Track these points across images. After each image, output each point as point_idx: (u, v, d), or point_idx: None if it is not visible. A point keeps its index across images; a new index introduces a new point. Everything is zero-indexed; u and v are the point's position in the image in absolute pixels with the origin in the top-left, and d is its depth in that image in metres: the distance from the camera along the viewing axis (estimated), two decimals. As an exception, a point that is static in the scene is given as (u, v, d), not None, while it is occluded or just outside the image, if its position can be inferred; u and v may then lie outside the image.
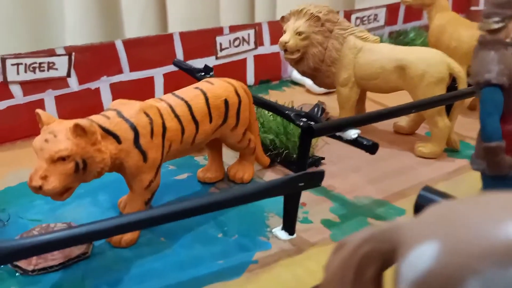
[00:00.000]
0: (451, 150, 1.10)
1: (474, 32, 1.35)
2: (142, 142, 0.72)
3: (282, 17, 1.18)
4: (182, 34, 1.30)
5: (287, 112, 0.94)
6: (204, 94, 0.83)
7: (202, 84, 0.86)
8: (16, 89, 1.09)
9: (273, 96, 1.45)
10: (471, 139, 1.05)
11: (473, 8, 1.99)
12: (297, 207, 0.77)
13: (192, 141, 0.81)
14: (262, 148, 1.02)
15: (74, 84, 1.16)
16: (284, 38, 1.13)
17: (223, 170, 0.97)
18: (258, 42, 1.45)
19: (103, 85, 1.21)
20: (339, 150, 1.09)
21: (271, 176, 1.00)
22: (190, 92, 0.83)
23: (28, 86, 1.10)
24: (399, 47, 1.12)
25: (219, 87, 0.85)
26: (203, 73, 1.13)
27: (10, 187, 0.94)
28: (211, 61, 1.37)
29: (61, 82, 1.14)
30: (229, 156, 1.01)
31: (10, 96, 1.08)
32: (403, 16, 1.78)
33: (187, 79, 1.19)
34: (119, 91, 1.23)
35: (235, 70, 1.43)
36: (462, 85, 1.05)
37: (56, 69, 1.12)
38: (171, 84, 1.31)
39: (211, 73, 1.13)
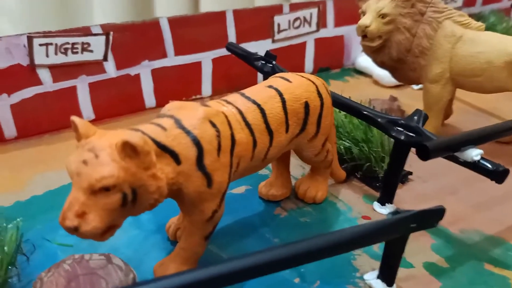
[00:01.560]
0: None
1: None
2: (207, 161, 0.54)
3: (360, -5, 0.97)
4: (236, 12, 1.10)
5: (379, 119, 0.74)
6: (281, 95, 0.64)
7: (276, 81, 0.67)
8: (44, 74, 0.92)
9: (335, 87, 1.25)
10: None
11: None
12: (401, 254, 0.58)
13: (264, 156, 0.63)
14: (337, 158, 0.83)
15: (111, 69, 0.99)
16: (365, 21, 0.93)
17: (291, 186, 0.79)
18: (321, 23, 1.24)
19: (144, 71, 1.03)
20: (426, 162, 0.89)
21: (347, 194, 0.81)
22: (263, 92, 0.64)
23: (59, 71, 0.93)
24: (510, 37, 0.90)
25: (298, 86, 0.66)
26: (263, 61, 0.94)
27: (36, 196, 0.78)
28: (266, 45, 1.18)
29: (96, 66, 0.97)
30: (294, 165, 0.82)
31: (37, 82, 0.92)
32: (483, -3, 1.53)
33: (240, 66, 1.00)
34: (162, 78, 1.05)
35: (292, 55, 1.23)
36: None
37: (91, 51, 0.95)
38: (221, 71, 1.13)
39: (273, 62, 0.93)
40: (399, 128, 0.72)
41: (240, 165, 0.60)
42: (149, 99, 1.06)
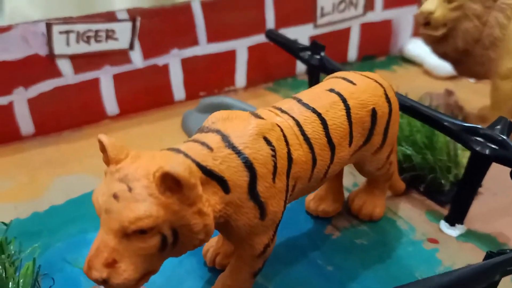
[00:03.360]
0: None
1: None
2: (261, 188, 0.44)
3: (420, -25, 0.84)
4: (275, -6, 0.98)
5: (453, 127, 0.63)
6: (344, 101, 0.53)
7: (338, 83, 0.56)
8: (65, 65, 0.83)
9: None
10: None
11: None
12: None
13: (324, 175, 0.53)
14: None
15: (137, 59, 0.89)
16: (428, 6, 0.80)
17: (343, 199, 0.69)
18: (368, 5, 1.11)
19: (173, 60, 0.92)
20: (494, 168, 0.78)
21: (407, 210, 0.70)
22: (324, 98, 0.53)
23: (80, 61, 0.83)
24: None
25: (364, 90, 0.55)
26: (310, 52, 0.83)
27: (55, 206, 0.70)
28: (308, 30, 1.06)
29: (121, 56, 0.87)
30: (344, 172, 0.72)
31: (57, 74, 0.82)
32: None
33: (278, 54, 0.89)
34: (192, 68, 0.95)
35: (335, 42, 1.11)
36: None
37: (116, 39, 0.85)
38: (257, 60, 1.02)
39: (322, 54, 0.82)
40: (479, 139, 0.61)
41: (296, 187, 0.50)
42: (178, 91, 0.96)
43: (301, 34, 1.05)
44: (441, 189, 0.72)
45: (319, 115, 0.51)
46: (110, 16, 0.83)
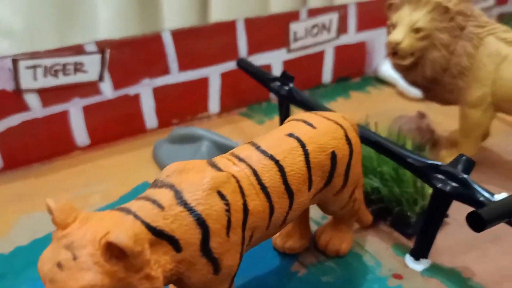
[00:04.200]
0: None
1: None
2: (214, 244, 0.44)
3: (390, 4, 0.85)
4: (247, 21, 0.98)
5: (416, 163, 0.63)
6: (303, 146, 0.53)
7: (298, 127, 0.56)
8: (32, 99, 0.82)
9: (356, 100, 1.14)
10: None
11: None
12: None
13: (282, 222, 0.53)
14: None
15: (107, 90, 0.88)
16: (396, 36, 0.81)
17: (310, 235, 0.69)
18: (341, 29, 1.12)
19: (145, 90, 0.92)
20: None
21: (375, 243, 0.70)
22: (283, 144, 0.53)
23: (49, 95, 0.83)
24: None
25: (324, 133, 0.55)
26: (279, 83, 0.83)
27: (20, 247, 0.69)
28: (281, 55, 1.06)
29: (91, 87, 0.87)
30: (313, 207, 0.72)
31: (24, 108, 0.82)
32: (519, -6, 1.39)
33: (253, 80, 0.89)
34: (164, 97, 0.95)
35: (309, 65, 1.11)
36: None
37: (85, 71, 0.84)
38: (230, 87, 1.02)
39: (290, 84, 0.82)
40: (440, 176, 0.61)
41: (253, 237, 0.50)
42: (151, 120, 0.95)
43: (275, 59, 1.05)
44: (407, 222, 0.72)
45: (276, 162, 0.51)
46: (78, 49, 0.83)
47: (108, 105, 0.89)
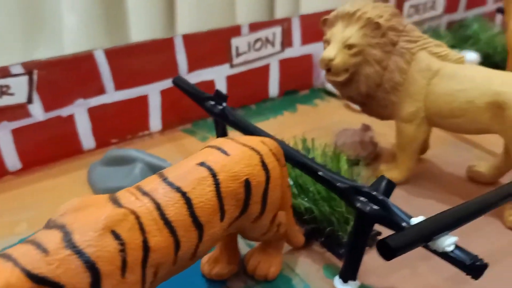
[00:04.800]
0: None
1: None
2: (107, 286, 0.42)
3: (324, 20, 0.85)
4: (186, 38, 0.97)
5: (338, 184, 0.63)
6: (214, 175, 0.52)
7: (211, 155, 0.54)
8: (-46, 125, 0.79)
9: (303, 113, 1.14)
10: None
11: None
12: None
13: (192, 255, 0.51)
14: (294, 219, 0.72)
15: (38, 112, 0.86)
16: (329, 53, 0.80)
17: (238, 259, 0.67)
18: (286, 42, 1.11)
19: (79, 110, 0.90)
20: (400, 205, 0.78)
21: (306, 264, 0.69)
22: (192, 174, 0.51)
23: (-28, 120, 0.80)
24: (497, 73, 0.77)
25: (238, 161, 0.54)
26: (213, 102, 0.82)
27: None
28: (224, 70, 1.05)
29: (19, 110, 0.83)
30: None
31: None
32: (466, 2, 1.41)
33: None
34: (101, 116, 0.92)
35: (254, 79, 1.10)
36: None
37: (12, 94, 0.81)
38: (171, 103, 1.00)
39: (224, 104, 0.81)
40: (362, 199, 0.61)
41: (159, 273, 0.48)
42: (87, 140, 0.93)
43: (218, 74, 1.04)
44: (339, 242, 0.72)
45: (183, 194, 0.50)
46: (3, 72, 0.80)
47: (39, 128, 0.86)
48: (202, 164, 0.53)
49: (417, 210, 0.80)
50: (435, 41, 0.82)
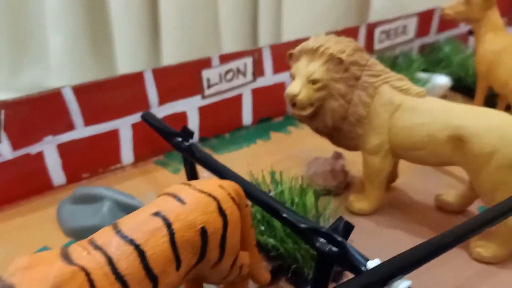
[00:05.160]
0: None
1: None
2: None
3: (290, 54, 0.86)
4: (156, 72, 0.98)
5: (301, 225, 0.63)
6: (169, 226, 0.52)
7: (166, 204, 0.55)
8: None
9: (276, 141, 1.15)
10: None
11: (518, 10, 1.65)
12: None
13: (148, 306, 0.51)
14: (262, 255, 0.72)
15: (6, 151, 0.85)
16: (293, 88, 0.82)
17: (205, 300, 0.68)
18: (258, 72, 1.13)
19: (48, 147, 0.90)
20: (369, 237, 0.80)
21: (272, 302, 0.70)
22: (146, 225, 0.52)
23: None
24: (457, 106, 0.79)
25: (193, 209, 0.55)
26: (180, 139, 0.83)
27: None
28: (196, 102, 1.06)
29: (-14, 150, 0.84)
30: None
31: None
32: (437, 25, 1.44)
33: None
34: (71, 152, 0.92)
35: (228, 109, 1.11)
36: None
37: (-23, 134, 0.81)
38: (143, 135, 1.00)
39: (190, 141, 0.82)
40: (322, 240, 0.62)
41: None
42: (57, 176, 0.93)
43: (189, 106, 1.05)
44: (305, 278, 0.72)
45: (137, 247, 0.50)
46: (-33, 113, 0.80)
47: (8, 166, 0.86)
48: (157, 214, 0.53)
49: (385, 241, 0.82)
50: (397, 75, 0.84)
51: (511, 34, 1.13)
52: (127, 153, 1.00)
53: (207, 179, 0.61)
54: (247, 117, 1.16)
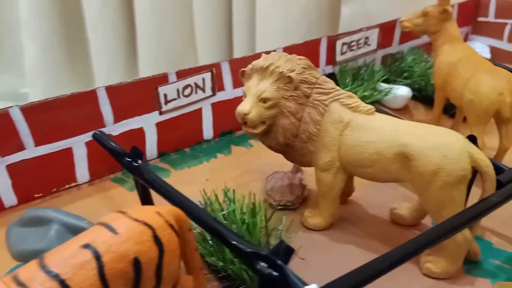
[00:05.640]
0: (468, 262, 0.82)
1: (499, 82, 1.06)
2: None
3: (242, 71, 0.86)
4: (110, 89, 0.97)
5: (242, 247, 0.63)
6: (98, 258, 0.52)
7: (98, 234, 0.54)
8: None
9: (237, 155, 1.14)
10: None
11: (481, 19, 1.67)
12: None
13: None
14: (212, 276, 0.72)
15: (-49, 174, 0.84)
16: (243, 107, 0.81)
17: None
18: (217, 86, 1.12)
19: (-3, 168, 0.88)
20: (323, 253, 0.80)
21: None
22: (73, 259, 0.51)
23: None
24: (404, 124, 0.80)
25: (126, 239, 0.54)
26: (129, 159, 0.82)
27: None
28: (154, 118, 1.05)
29: None
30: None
31: None
32: (399, 36, 1.46)
33: (124, 144, 0.87)
34: (22, 172, 0.91)
35: (188, 123, 1.11)
36: (490, 184, 0.75)
37: None
38: (99, 153, 0.98)
39: (139, 161, 0.81)
40: (262, 264, 0.61)
41: None
42: (8, 197, 0.91)
43: (146, 122, 1.04)
44: (253, 300, 0.72)
45: (61, 282, 0.49)
46: None
47: (-46, 190, 0.84)
48: (86, 246, 0.52)
49: (338, 257, 0.82)
50: (347, 92, 0.84)
51: (467, 45, 1.15)
52: (82, 172, 0.98)
53: (144, 207, 0.60)
54: (207, 131, 1.15)
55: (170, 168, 1.07)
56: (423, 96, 1.34)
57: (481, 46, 1.64)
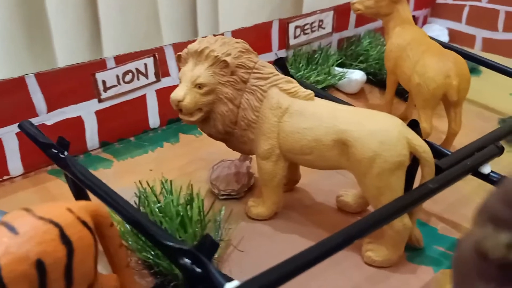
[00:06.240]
0: (412, 249, 0.80)
1: (445, 65, 1.05)
2: None
3: (178, 56, 0.81)
4: (40, 76, 0.91)
5: (167, 242, 0.60)
6: (-7, 261, 0.48)
7: (-4, 234, 0.50)
8: None
9: (184, 144, 1.10)
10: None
11: (439, 1, 1.66)
12: None
13: None
14: (146, 272, 0.68)
15: None
16: (177, 94, 0.77)
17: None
18: (162, 72, 1.07)
19: None
20: (266, 242, 0.78)
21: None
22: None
23: None
24: (344, 110, 0.77)
25: (27, 239, 0.50)
26: (56, 150, 0.77)
27: None
28: (93, 106, 1.00)
29: None
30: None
31: None
32: (355, 19, 1.43)
33: (65, 133, 0.82)
34: None
35: (131, 111, 1.06)
36: (429, 169, 0.73)
37: None
38: (32, 146, 0.93)
39: (65, 153, 0.76)
40: (186, 260, 0.58)
41: None
42: None
43: (85, 110, 0.99)
44: (184, 296, 0.69)
45: None
46: None
47: None
48: (-19, 247, 0.48)
49: (281, 246, 0.80)
50: (285, 77, 0.81)
51: (418, 28, 1.13)
52: (14, 164, 0.93)
53: (54, 203, 0.56)
54: (153, 119, 1.10)
55: (113, 158, 1.02)
56: (378, 80, 1.32)
57: (440, 29, 1.63)
